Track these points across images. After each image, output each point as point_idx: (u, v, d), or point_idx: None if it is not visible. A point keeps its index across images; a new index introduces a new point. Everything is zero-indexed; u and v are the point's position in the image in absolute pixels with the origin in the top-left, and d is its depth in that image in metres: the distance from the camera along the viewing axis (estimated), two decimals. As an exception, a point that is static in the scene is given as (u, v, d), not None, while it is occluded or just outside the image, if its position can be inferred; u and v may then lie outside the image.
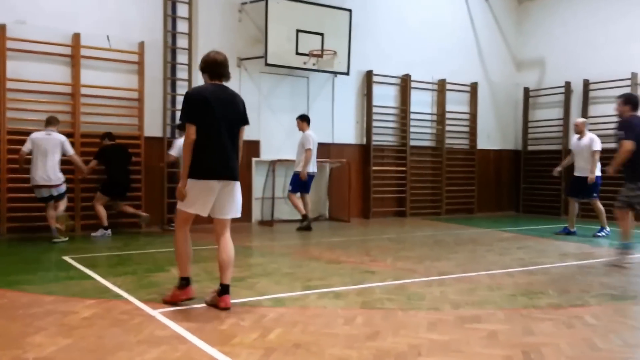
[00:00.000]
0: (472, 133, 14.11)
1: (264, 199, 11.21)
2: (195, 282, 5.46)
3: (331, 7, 11.46)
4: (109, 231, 9.05)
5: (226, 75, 4.78)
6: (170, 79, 10.35)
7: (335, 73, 11.81)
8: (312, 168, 10.27)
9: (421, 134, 13.28)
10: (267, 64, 10.80)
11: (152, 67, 10.08)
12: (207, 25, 10.70)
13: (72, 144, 9.06)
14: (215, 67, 4.72)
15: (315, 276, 6.02)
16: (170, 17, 10.36)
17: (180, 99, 10.36)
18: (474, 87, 14.04)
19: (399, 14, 12.98)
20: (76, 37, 9.38)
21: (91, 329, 4.00)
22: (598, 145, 9.54)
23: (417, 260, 7.13)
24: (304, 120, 10.35)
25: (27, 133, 8.81)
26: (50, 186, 8.27)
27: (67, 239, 8.32)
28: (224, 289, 4.65)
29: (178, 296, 4.72)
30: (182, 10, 10.47)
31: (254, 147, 11.23)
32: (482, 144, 14.22)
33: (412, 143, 13.09)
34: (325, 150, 11.89)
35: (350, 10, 11.59)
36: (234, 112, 4.74)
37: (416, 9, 13.23)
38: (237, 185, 4.80)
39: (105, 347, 3.63)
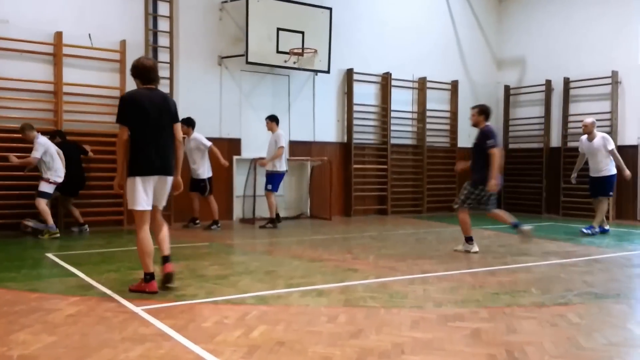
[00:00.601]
0: (453, 131, 14.23)
1: (245, 197, 11.24)
2: (179, 280, 5.52)
3: (312, 5, 11.51)
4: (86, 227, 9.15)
5: (156, 80, 5.15)
6: (152, 77, 10.31)
7: (316, 71, 11.87)
8: (285, 166, 10.36)
9: (402, 132, 13.37)
10: (247, 62, 10.83)
11: (133, 66, 10.03)
12: (188, 23, 10.70)
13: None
14: (145, 72, 5.06)
15: (297, 274, 6.07)
16: (152, 16, 10.33)
17: (162, 97, 10.37)
18: (454, 85, 14.17)
19: (379, 12, 13.07)
20: (58, 35, 9.34)
21: (75, 327, 4.02)
22: (613, 144, 9.60)
23: (399, 258, 7.17)
24: (273, 120, 10.35)
25: (10, 131, 8.81)
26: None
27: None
28: (166, 259, 5.14)
29: (143, 288, 5.04)
30: (163, 9, 10.46)
31: (235, 145, 11.27)
32: (463, 142, 14.31)
33: (393, 141, 13.19)
34: (306, 148, 11.96)
35: (330, 9, 11.65)
36: (165, 112, 5.08)
37: (397, 7, 13.32)
38: (170, 180, 5.20)
39: (90, 344, 3.65)
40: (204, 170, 9.89)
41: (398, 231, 10.17)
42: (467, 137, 14.28)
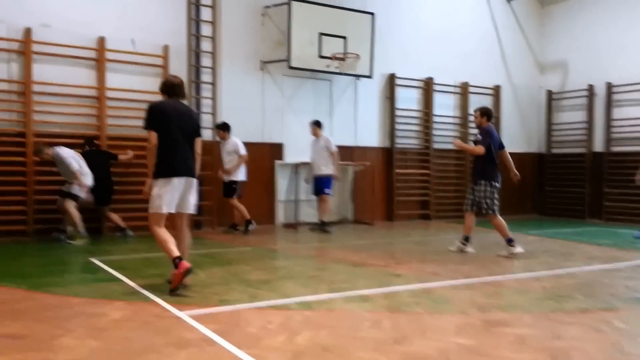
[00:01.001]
0: (496, 136, 13.94)
1: (288, 202, 11.21)
2: (223, 285, 5.53)
3: (354, 10, 11.45)
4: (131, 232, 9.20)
5: (182, 95, 5.53)
6: (195, 82, 10.41)
7: (358, 76, 11.79)
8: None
9: (444, 137, 13.17)
10: (290, 67, 10.81)
11: (176, 71, 10.02)
12: (231, 28, 10.75)
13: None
14: (172, 88, 5.46)
15: (340, 279, 5.99)
16: (194, 21, 10.42)
17: (204, 102, 10.48)
18: (496, 90, 13.91)
19: (421, 17, 12.93)
20: (101, 40, 9.48)
21: (120, 331, 4.01)
22: None
23: (443, 263, 7.05)
24: (318, 125, 10.43)
25: (53, 135, 8.96)
26: None
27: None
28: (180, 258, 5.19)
29: (177, 275, 5.05)
30: (206, 14, 10.53)
31: (277, 149, 11.26)
32: (507, 147, 14.00)
33: (436, 146, 13.01)
34: (348, 153, 11.87)
35: (372, 14, 11.57)
36: (189, 122, 5.45)
37: (438, 12, 13.17)
38: (196, 183, 5.43)
39: (134, 349, 3.63)
40: (237, 173, 9.85)
41: (441, 236, 10.00)
42: (510, 141, 14.04)
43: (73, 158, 8.49)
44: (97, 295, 5.14)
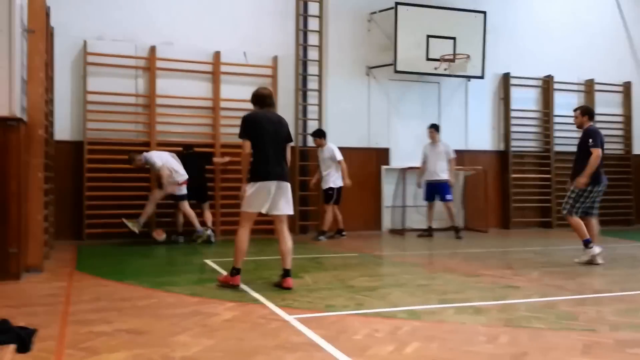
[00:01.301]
0: (627, 137, 13.01)
1: (394, 208, 11.05)
2: (329, 290, 5.52)
3: (464, 10, 11.14)
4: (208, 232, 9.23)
5: (272, 105, 5.87)
6: (302, 90, 10.59)
7: (469, 77, 11.44)
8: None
9: (567, 139, 12.36)
10: (396, 71, 10.70)
11: (284, 79, 10.39)
12: (337, 36, 10.84)
13: (213, 154, 9.77)
14: (263, 99, 5.83)
15: (451, 289, 5.76)
16: (302, 31, 10.61)
17: (311, 109, 10.60)
18: (627, 87, 12.96)
19: (538, 11, 12.34)
20: (216, 54, 9.91)
21: (232, 331, 4.08)
22: None
23: (567, 275, 6.55)
24: (437, 129, 10.33)
25: (173, 144, 9.45)
26: None
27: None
28: (286, 273, 5.58)
29: (228, 280, 5.59)
30: (313, 24, 10.70)
31: (383, 154, 11.16)
32: (639, 148, 13.04)
33: (557, 149, 12.29)
34: (458, 157, 11.48)
35: (484, 12, 11.18)
36: (280, 130, 5.74)
37: (558, 4, 12.49)
38: (288, 186, 5.69)
39: (245, 349, 3.67)
40: (335, 179, 9.76)
41: (564, 246, 9.38)
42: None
43: (159, 158, 8.82)
44: (210, 295, 5.29)
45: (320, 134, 9.89)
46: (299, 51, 10.59)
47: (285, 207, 5.66)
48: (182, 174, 8.94)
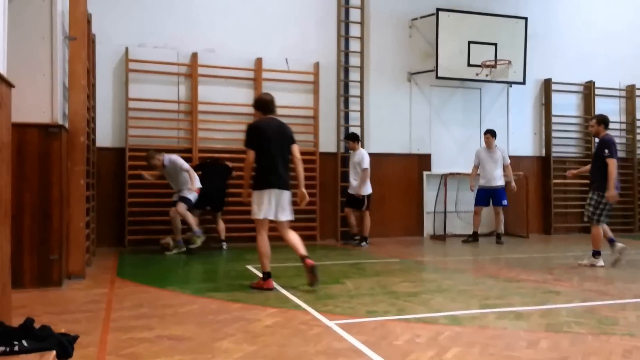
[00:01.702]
0: (670, 142, 12.70)
1: (436, 213, 11.02)
2: (370, 296, 5.56)
3: (505, 16, 11.09)
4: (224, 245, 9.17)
5: (274, 110, 6.08)
6: (343, 96, 10.65)
7: (510, 83, 11.35)
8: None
9: (609, 144, 12.21)
10: (437, 77, 10.69)
11: (326, 86, 10.46)
12: (378, 42, 10.89)
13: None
14: (266, 104, 6.06)
15: (493, 294, 5.75)
16: (344, 38, 10.68)
17: (353, 115, 10.66)
18: (669, 92, 12.65)
19: (580, 17, 12.17)
20: (258, 61, 10.04)
21: (273, 337, 4.16)
22: None
23: (608, 281, 6.53)
24: (494, 135, 10.30)
25: (215, 151, 9.58)
26: None
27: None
28: (304, 257, 5.84)
29: (261, 285, 5.87)
30: (354, 30, 10.76)
31: (425, 160, 11.14)
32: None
33: (599, 154, 12.09)
34: (500, 163, 11.45)
35: (526, 19, 11.10)
36: (283, 136, 6.00)
37: (600, 10, 12.31)
38: (289, 194, 5.98)
39: (287, 355, 3.75)
40: (363, 187, 9.68)
41: (606, 251, 9.20)
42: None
43: (180, 160, 8.70)
44: (252, 301, 5.37)
45: (353, 138, 9.87)
46: (341, 57, 10.67)
47: (286, 214, 5.96)
48: (198, 183, 8.82)
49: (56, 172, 5.90)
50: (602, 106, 12.12)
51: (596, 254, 7.63)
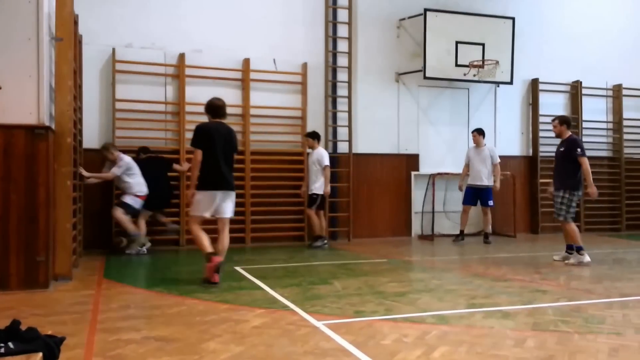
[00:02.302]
0: (656, 141, 12.85)
1: (424, 213, 11.06)
2: (358, 296, 5.57)
3: (493, 16, 11.14)
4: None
5: (224, 116, 6.44)
6: (331, 96, 10.66)
7: (498, 83, 11.40)
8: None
9: (595, 144, 12.32)
10: (425, 78, 10.72)
11: (313, 86, 10.46)
12: (366, 43, 10.90)
13: (243, 161, 9.76)
14: (216, 109, 6.39)
15: (480, 294, 5.79)
16: (331, 38, 10.68)
17: (341, 115, 10.67)
18: (656, 91, 12.79)
19: (566, 17, 12.25)
20: (246, 62, 10.02)
21: (261, 338, 4.16)
22: None
23: (595, 279, 6.59)
24: (481, 133, 10.32)
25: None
26: None
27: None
28: (210, 256, 6.17)
29: (210, 268, 6.07)
30: (342, 30, 10.76)
31: (413, 160, 11.17)
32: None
33: (586, 154, 12.16)
34: (487, 163, 11.52)
35: (513, 18, 11.16)
36: (228, 141, 6.32)
37: (586, 10, 12.40)
38: (233, 194, 6.39)
39: (274, 356, 3.75)
40: (320, 186, 9.53)
41: (592, 250, 9.28)
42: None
43: (126, 164, 8.55)
44: (240, 302, 5.38)
45: (313, 136, 9.68)
46: (329, 58, 10.67)
47: (228, 211, 6.34)
48: (143, 189, 8.69)
49: (43, 174, 5.87)
50: (589, 106, 12.25)
51: (579, 249, 7.76)
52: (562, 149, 7.93)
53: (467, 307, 5.16)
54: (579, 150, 7.71)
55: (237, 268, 7.37)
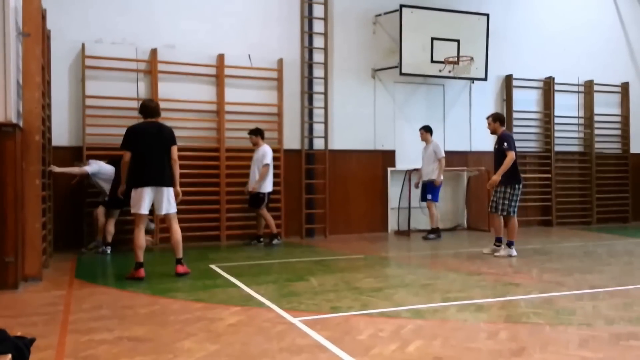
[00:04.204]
0: (625, 137, 13.12)
1: (400, 209, 11.11)
2: (335, 292, 5.59)
3: (467, 12, 11.21)
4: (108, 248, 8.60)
5: (155, 115, 6.70)
6: (307, 92, 10.63)
7: (473, 79, 11.49)
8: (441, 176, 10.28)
9: (567, 139, 12.53)
10: (401, 74, 10.75)
11: (289, 82, 10.41)
12: (342, 39, 10.89)
13: (218, 158, 9.72)
14: (148, 110, 6.69)
15: (454, 288, 5.84)
16: (307, 34, 10.64)
17: (317, 112, 10.65)
18: (625, 87, 13.03)
19: (539, 14, 12.40)
20: (220, 58, 9.93)
21: (236, 336, 4.15)
22: None
23: (566, 272, 6.68)
24: (428, 131, 10.33)
25: (179, 149, 9.36)
26: None
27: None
28: (179, 261, 6.67)
29: (134, 274, 6.37)
30: (318, 26, 10.72)
31: (389, 156, 11.21)
32: (636, 147, 13.10)
33: (557, 149, 12.39)
34: (462, 158, 11.59)
35: (487, 15, 11.25)
36: (159, 138, 6.56)
37: (558, 8, 12.56)
38: (170, 190, 6.56)
39: (250, 353, 3.74)
40: (263, 184, 9.35)
41: (564, 243, 9.47)
42: (641, 142, 13.12)
43: (97, 164, 8.51)
44: (216, 300, 5.35)
45: (256, 132, 9.46)
46: (304, 54, 10.62)
47: (168, 207, 6.53)
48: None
49: (10, 173, 5.77)
50: (561, 101, 12.43)
51: (510, 244, 8.05)
52: (496, 146, 8.19)
53: (441, 301, 5.21)
54: (505, 144, 7.96)
55: (212, 266, 7.32)
